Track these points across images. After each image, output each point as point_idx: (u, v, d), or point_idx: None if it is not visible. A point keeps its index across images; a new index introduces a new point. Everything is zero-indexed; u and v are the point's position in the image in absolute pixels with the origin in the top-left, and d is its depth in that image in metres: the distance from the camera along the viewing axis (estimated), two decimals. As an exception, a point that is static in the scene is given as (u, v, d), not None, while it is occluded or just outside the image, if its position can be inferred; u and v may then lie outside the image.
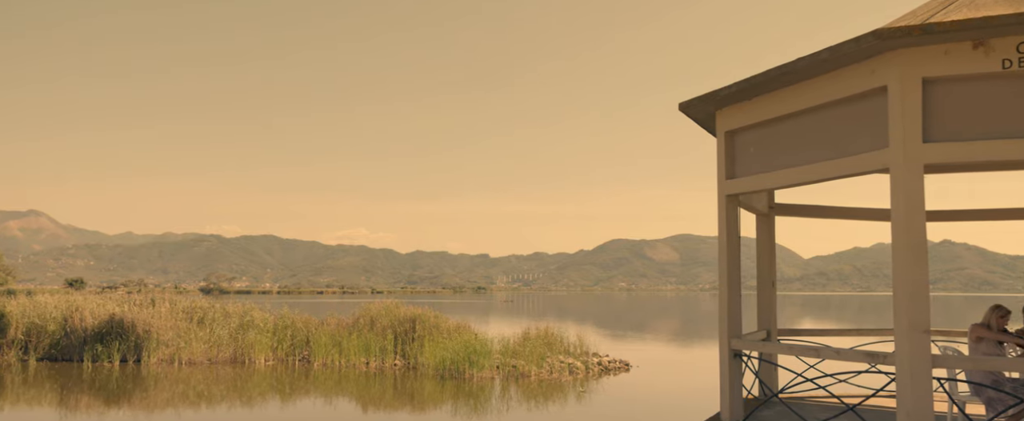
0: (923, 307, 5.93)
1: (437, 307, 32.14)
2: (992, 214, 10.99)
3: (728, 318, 7.87)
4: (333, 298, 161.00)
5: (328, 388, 21.25)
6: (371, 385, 21.86)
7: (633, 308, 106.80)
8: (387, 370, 24.82)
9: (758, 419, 7.94)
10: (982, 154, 5.88)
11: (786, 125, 7.23)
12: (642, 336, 44.57)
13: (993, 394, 6.78)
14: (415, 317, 26.86)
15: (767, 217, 9.77)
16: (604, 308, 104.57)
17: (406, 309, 27.72)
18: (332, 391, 20.72)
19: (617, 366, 25.46)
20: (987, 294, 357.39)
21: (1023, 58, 5.66)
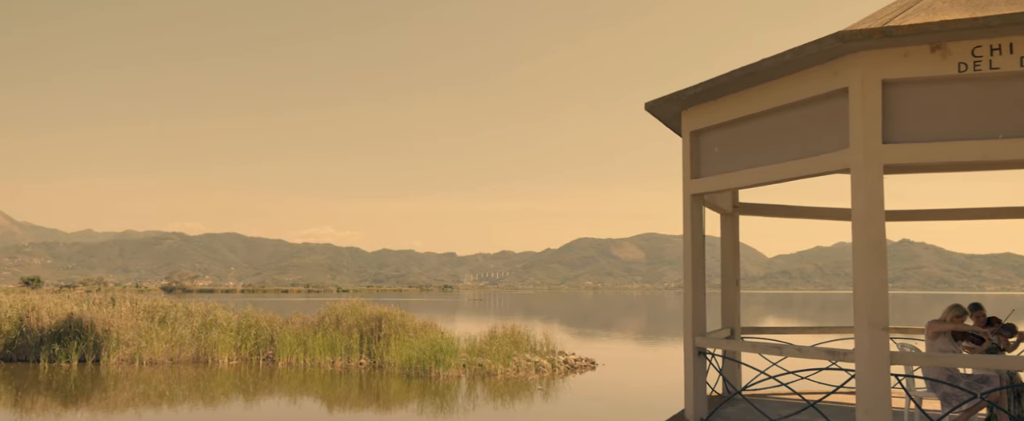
0: (882, 305, 6.04)
1: (404, 306, 32.01)
2: (949, 214, 11.23)
3: (693, 316, 7.94)
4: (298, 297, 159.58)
5: (293, 387, 21.06)
6: (336, 384, 21.71)
7: (599, 307, 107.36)
8: (353, 369, 24.67)
9: (722, 416, 8.03)
10: (939, 155, 6.01)
11: (750, 125, 7.32)
12: (608, 334, 44.83)
13: (948, 390, 6.93)
14: (381, 316, 26.72)
15: (731, 216, 9.89)
16: (570, 307, 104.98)
17: (372, 308, 27.57)
18: (297, 390, 20.53)
19: (583, 364, 25.57)
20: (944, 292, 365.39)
21: (978, 62, 5.79)
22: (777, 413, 7.62)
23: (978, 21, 5.56)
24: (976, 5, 5.94)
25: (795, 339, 10.26)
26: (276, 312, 29.89)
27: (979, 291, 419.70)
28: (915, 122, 6.07)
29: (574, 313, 79.89)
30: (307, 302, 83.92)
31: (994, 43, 5.73)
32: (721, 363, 8.73)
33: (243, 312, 28.31)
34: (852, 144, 6.13)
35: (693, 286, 7.99)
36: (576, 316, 71.82)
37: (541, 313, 75.20)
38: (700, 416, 7.82)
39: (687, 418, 7.92)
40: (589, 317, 70.36)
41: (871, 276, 6.05)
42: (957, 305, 7.59)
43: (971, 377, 7.16)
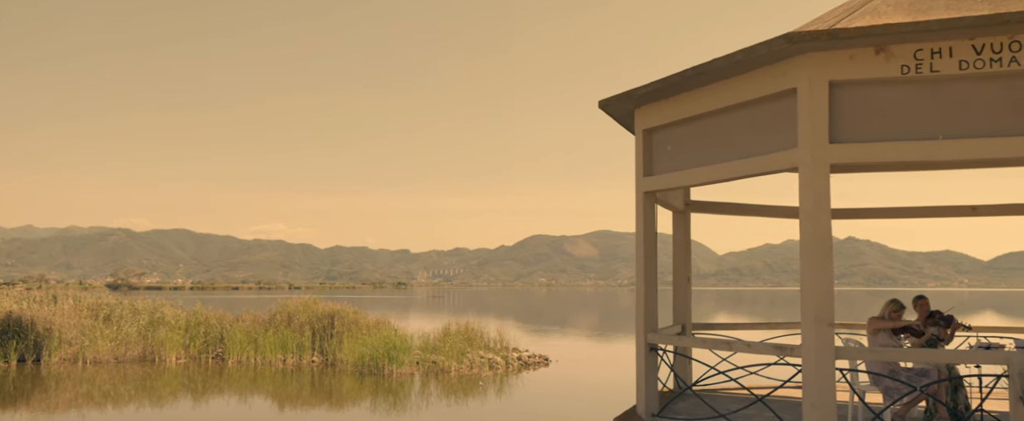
0: (828, 301, 6.18)
1: (357, 303, 31.74)
2: (892, 212, 11.53)
3: (644, 313, 8.03)
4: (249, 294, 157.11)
5: (243, 386, 20.74)
6: (288, 382, 21.45)
7: (553, 304, 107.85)
8: (305, 367, 24.40)
9: (673, 411, 8.13)
10: (883, 155, 6.17)
11: (702, 124, 7.42)
12: (562, 331, 45.07)
13: (890, 383, 7.12)
14: (334, 313, 26.47)
15: (683, 214, 10.01)
16: (524, 304, 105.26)
17: (325, 305, 27.29)
18: (247, 389, 20.23)
19: (536, 361, 25.67)
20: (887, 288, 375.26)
21: (920, 64, 5.95)
22: (726, 408, 7.74)
23: (919, 25, 5.71)
24: (918, 9, 6.11)
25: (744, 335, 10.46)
26: (226, 309, 29.41)
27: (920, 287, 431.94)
28: (860, 122, 6.21)
29: (528, 310, 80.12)
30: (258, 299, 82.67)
31: (934, 47, 5.89)
32: (672, 359, 8.84)
33: (192, 309, 27.79)
34: (800, 143, 6.25)
35: (645, 283, 8.08)
36: (530, 313, 72.04)
37: (495, 310, 75.26)
38: (651, 411, 7.91)
39: (639, 414, 8.00)
40: (543, 314, 70.64)
41: (817, 273, 6.19)
42: (894, 300, 7.81)
43: (911, 371, 7.37)
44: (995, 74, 5.81)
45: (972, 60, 5.82)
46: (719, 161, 7.15)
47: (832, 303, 6.19)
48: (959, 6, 6.02)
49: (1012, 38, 5.73)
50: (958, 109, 6.00)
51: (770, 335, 10.28)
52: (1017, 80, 5.84)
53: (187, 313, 27.50)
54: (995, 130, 5.91)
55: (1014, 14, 5.57)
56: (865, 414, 7.56)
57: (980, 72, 5.81)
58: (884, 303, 7.79)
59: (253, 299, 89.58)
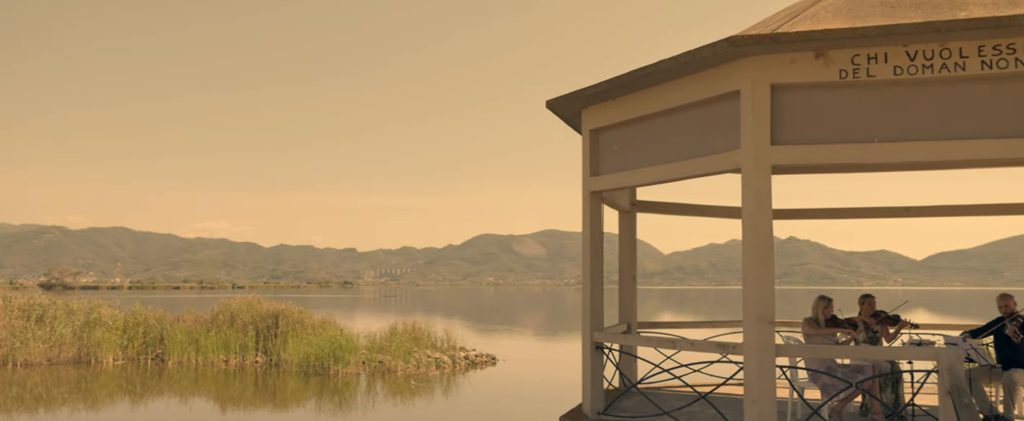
0: (768, 300, 6.31)
1: (302, 302, 31.30)
2: (832, 213, 11.83)
3: (591, 312, 8.09)
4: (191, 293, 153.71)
5: (183, 387, 20.29)
6: (230, 383, 21.05)
7: (500, 303, 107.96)
8: (248, 367, 23.97)
9: (618, 409, 8.21)
10: (823, 157, 6.32)
11: (648, 125, 7.51)
12: (509, 330, 45.15)
13: (827, 380, 7.31)
14: (278, 312, 26.05)
15: (629, 214, 10.11)
16: (472, 303, 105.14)
17: (269, 304, 26.83)
18: (188, 390, 19.79)
19: (484, 360, 25.67)
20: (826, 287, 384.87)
21: (857, 69, 6.12)
22: (670, 405, 7.85)
23: (856, 31, 5.87)
24: (856, 16, 6.28)
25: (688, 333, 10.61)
26: (167, 309, 28.71)
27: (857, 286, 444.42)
28: (801, 125, 6.36)
29: (475, 309, 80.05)
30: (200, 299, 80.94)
31: (871, 52, 6.06)
32: (618, 357, 8.93)
33: (130, 309, 27.06)
34: (743, 145, 6.37)
35: (591, 282, 8.14)
36: (477, 312, 71.99)
37: (443, 309, 75.03)
38: (597, 409, 7.98)
39: (585, 412, 8.06)
40: (490, 313, 70.65)
41: (759, 272, 6.31)
42: (822, 296, 8.05)
43: (848, 367, 7.57)
44: (927, 80, 6.01)
45: (906, 66, 6.01)
46: (664, 162, 7.24)
47: (773, 302, 6.33)
48: (894, 13, 6.20)
49: (943, 45, 5.93)
50: (893, 113, 6.18)
51: (713, 333, 10.46)
52: (947, 86, 6.05)
53: (125, 313, 26.75)
54: (927, 134, 6.11)
55: (944, 22, 5.76)
56: (804, 410, 7.75)
57: (913, 78, 6.00)
58: (814, 302, 8.00)
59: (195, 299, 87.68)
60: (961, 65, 5.91)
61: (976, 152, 6.03)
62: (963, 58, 5.90)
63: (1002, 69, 5.84)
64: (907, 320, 8.51)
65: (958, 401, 5.52)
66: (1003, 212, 11.10)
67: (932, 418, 7.16)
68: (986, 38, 5.83)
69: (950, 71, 5.92)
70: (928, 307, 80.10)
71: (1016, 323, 7.82)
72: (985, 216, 11.20)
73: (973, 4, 6.10)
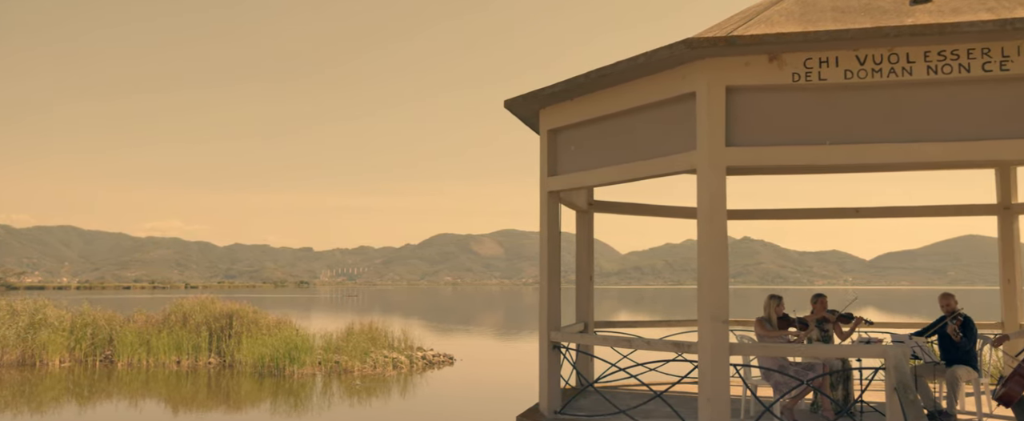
0: (723, 299, 6.40)
1: (257, 302, 30.84)
2: (785, 213, 12.06)
3: (548, 311, 8.12)
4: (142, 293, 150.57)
5: (134, 389, 19.86)
6: (182, 385, 20.66)
7: (458, 302, 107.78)
8: (201, 369, 23.55)
9: (574, 408, 8.25)
10: (777, 159, 6.44)
11: (605, 125, 7.56)
12: (467, 330, 45.09)
13: (779, 378, 7.44)
14: (232, 312, 25.61)
15: (587, 214, 10.17)
16: (430, 302, 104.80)
17: (223, 304, 26.37)
18: (138, 392, 19.38)
19: (441, 360, 25.59)
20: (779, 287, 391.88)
21: (809, 73, 6.24)
22: (626, 404, 7.91)
23: (809, 35, 5.99)
24: (808, 20, 6.40)
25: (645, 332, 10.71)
26: (116, 309, 28.04)
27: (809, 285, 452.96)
28: (755, 127, 6.46)
29: (433, 309, 79.79)
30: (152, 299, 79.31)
31: (822, 56, 6.19)
32: (575, 356, 8.97)
33: (78, 310, 26.37)
34: (698, 146, 6.45)
35: (549, 282, 8.17)
36: (435, 312, 71.77)
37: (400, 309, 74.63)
38: (554, 409, 8.01)
39: (541, 411, 8.08)
40: (448, 313, 70.49)
41: (713, 272, 6.40)
42: (773, 295, 8.20)
43: (799, 365, 7.72)
44: (876, 84, 6.15)
45: (856, 70, 6.15)
46: (621, 162, 7.30)
47: (727, 301, 6.42)
48: (844, 18, 6.34)
49: (891, 50, 6.08)
50: (844, 116, 6.32)
51: (669, 332, 10.58)
52: (895, 90, 6.20)
53: (73, 314, 26.05)
54: (876, 137, 6.26)
55: (892, 28, 5.90)
56: (756, 408, 7.87)
57: (863, 81, 6.14)
58: (765, 302, 8.14)
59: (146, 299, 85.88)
60: (908, 70, 6.06)
61: (922, 155, 6.19)
62: (910, 63, 6.05)
63: (946, 74, 6.01)
64: (861, 317, 8.70)
65: (904, 397, 5.66)
66: (948, 213, 11.42)
67: (879, 414, 7.33)
68: (931, 44, 5.99)
69: (898, 75, 6.07)
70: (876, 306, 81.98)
71: (956, 322, 8.06)
72: (931, 217, 11.52)
73: (920, 11, 6.27)
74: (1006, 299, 10.40)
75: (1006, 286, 10.44)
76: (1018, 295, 10.39)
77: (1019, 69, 5.88)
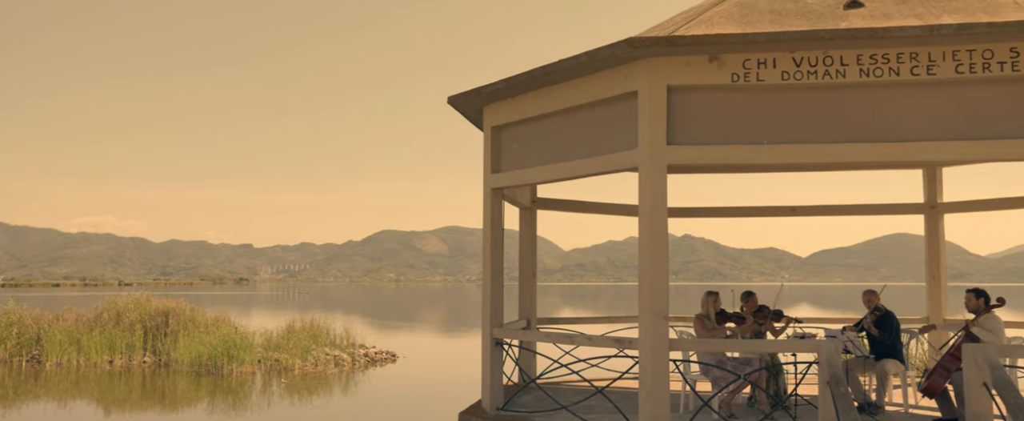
0: (663, 295, 6.49)
1: (195, 299, 30.14)
2: (724, 211, 12.28)
3: (491, 308, 8.13)
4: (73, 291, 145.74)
5: (63, 390, 19.22)
6: (115, 385, 20.08)
7: (401, 299, 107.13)
8: (135, 368, 22.92)
9: (517, 404, 8.28)
10: (716, 158, 6.55)
11: (548, 123, 7.59)
12: (409, 327, 44.86)
13: (717, 372, 7.59)
14: (168, 310, 24.98)
15: (530, 210, 10.20)
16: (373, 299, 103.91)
17: (158, 302, 25.69)
18: (68, 393, 18.76)
19: (384, 357, 25.40)
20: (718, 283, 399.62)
21: (747, 73, 6.37)
22: (568, 399, 7.97)
23: (747, 37, 6.11)
24: (747, 22, 6.53)
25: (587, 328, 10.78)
26: (45, 307, 27.10)
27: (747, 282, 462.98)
28: (695, 126, 6.57)
29: (376, 306, 79.14)
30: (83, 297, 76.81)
31: (760, 57, 6.33)
32: (517, 353, 9.00)
33: (3, 308, 25.39)
34: (640, 145, 6.53)
35: (491, 278, 8.18)
36: (378, 309, 71.20)
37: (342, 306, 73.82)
38: (496, 405, 8.02)
39: (484, 408, 8.09)
40: (391, 310, 70.01)
41: (654, 268, 6.49)
42: (710, 291, 8.37)
43: (736, 360, 7.88)
44: (812, 85, 6.31)
45: (792, 72, 6.30)
46: (564, 159, 7.34)
47: (667, 297, 6.51)
48: (782, 21, 6.49)
49: (825, 53, 6.25)
50: (781, 117, 6.47)
51: (611, 328, 10.69)
52: (829, 91, 6.37)
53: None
54: (811, 137, 6.42)
55: (826, 31, 6.07)
56: (695, 402, 8.01)
57: (799, 83, 6.29)
58: (703, 299, 8.30)
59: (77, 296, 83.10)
60: (842, 72, 6.23)
61: (854, 155, 6.38)
62: (844, 66, 6.23)
63: (877, 77, 6.20)
64: (789, 316, 8.94)
65: (835, 390, 5.83)
66: (878, 212, 11.81)
67: (813, 407, 7.53)
68: (864, 48, 6.17)
69: (832, 77, 6.24)
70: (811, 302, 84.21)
71: (873, 317, 8.38)
72: (863, 216, 11.88)
73: (853, 15, 6.45)
74: (931, 295, 10.80)
75: (932, 282, 10.84)
76: (943, 291, 10.80)
77: (945, 74, 6.11)
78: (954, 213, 10.96)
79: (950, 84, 6.17)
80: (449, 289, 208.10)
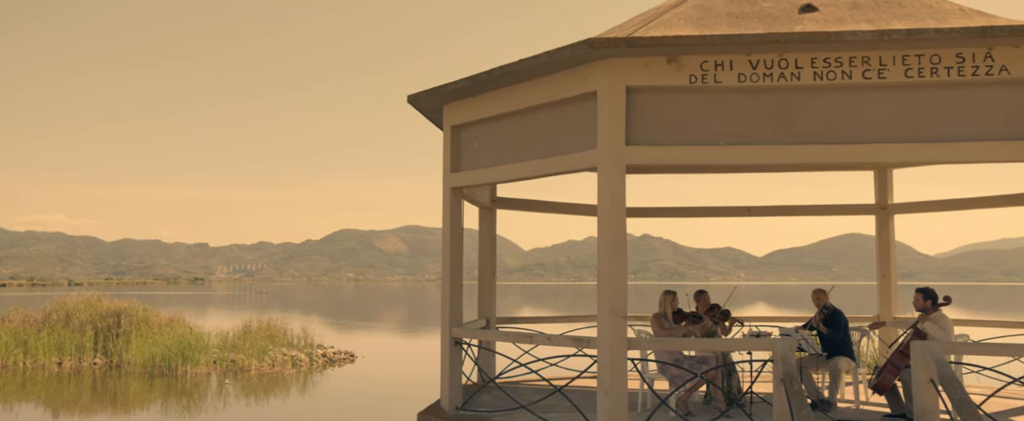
0: (621, 295, 6.54)
1: (149, 300, 29.55)
2: (682, 211, 12.42)
3: (450, 308, 8.11)
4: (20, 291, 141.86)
5: (9, 393, 18.70)
6: (64, 387, 19.60)
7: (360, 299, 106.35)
8: (85, 370, 22.40)
9: (476, 404, 8.28)
10: (674, 158, 6.62)
11: (508, 122, 7.60)
12: (368, 327, 44.56)
13: (675, 371, 7.67)
14: (121, 311, 24.45)
15: (490, 210, 10.20)
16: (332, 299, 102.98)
17: (110, 302, 25.13)
18: (14, 395, 18.26)
19: (342, 357, 25.19)
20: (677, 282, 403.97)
21: (705, 75, 6.45)
22: (527, 399, 7.99)
23: (705, 39, 6.19)
24: (705, 24, 6.61)
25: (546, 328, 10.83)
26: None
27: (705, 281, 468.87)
28: (654, 127, 6.63)
29: (334, 305, 78.44)
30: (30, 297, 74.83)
31: (718, 59, 6.41)
32: (476, 353, 8.99)
33: (-54, 309, 24.63)
34: (599, 145, 6.57)
35: (451, 278, 8.16)
36: (336, 309, 70.57)
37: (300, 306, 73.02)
38: (455, 405, 8.01)
39: (443, 407, 8.07)
40: (349, 310, 69.45)
41: (613, 268, 6.53)
42: (668, 291, 8.46)
43: (693, 359, 7.97)
44: (767, 88, 6.41)
45: (749, 74, 6.39)
46: (524, 159, 7.36)
47: (625, 296, 6.57)
48: (739, 24, 6.58)
49: (781, 56, 6.35)
50: (737, 118, 6.56)
51: (570, 328, 10.73)
52: (784, 94, 6.48)
53: (-60, 313, 24.32)
54: (767, 138, 6.52)
55: (782, 34, 6.17)
56: (653, 401, 8.08)
57: (755, 85, 6.39)
58: (660, 298, 8.38)
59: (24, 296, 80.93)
60: (796, 75, 6.34)
61: (808, 157, 6.50)
62: (798, 68, 6.34)
63: (830, 81, 6.32)
64: (736, 318, 9.12)
65: (789, 388, 5.93)
66: (831, 213, 12.04)
67: (768, 404, 7.65)
68: (818, 51, 6.29)
69: (787, 80, 6.35)
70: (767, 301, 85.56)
71: (821, 315, 8.57)
72: (817, 216, 12.11)
73: (808, 19, 6.57)
74: (882, 294, 11.05)
75: (882, 281, 11.09)
76: (893, 290, 11.06)
77: (895, 77, 6.25)
78: (904, 214, 11.22)
79: (900, 88, 6.32)
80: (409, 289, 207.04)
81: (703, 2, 7.15)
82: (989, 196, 10.36)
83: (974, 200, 10.56)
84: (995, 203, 10.29)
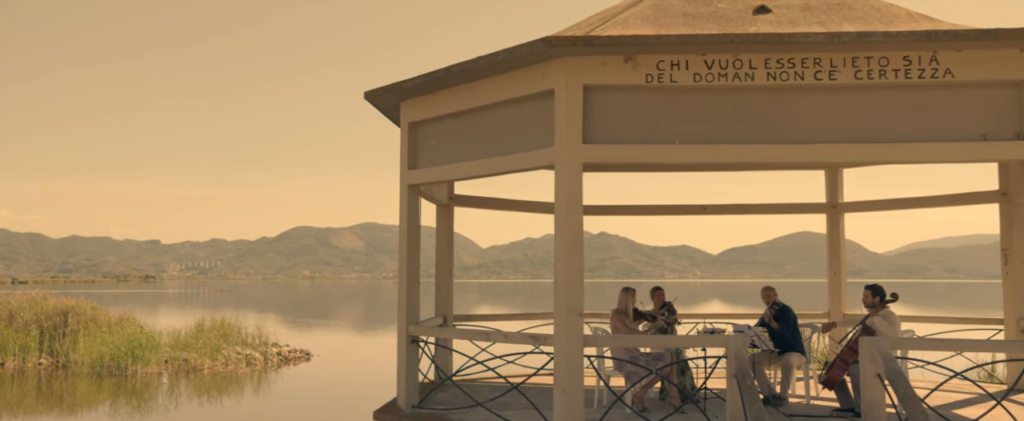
0: (577, 292, 6.57)
1: (98, 298, 28.85)
2: (639, 209, 12.53)
3: (406, 305, 8.07)
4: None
5: (-50, 395, 18.12)
6: (7, 388, 19.05)
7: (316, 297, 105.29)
8: (29, 370, 21.79)
9: (433, 402, 8.25)
10: (631, 156, 6.67)
11: (466, 120, 7.59)
12: (324, 325, 44.13)
13: (631, 368, 7.74)
14: (67, 309, 23.83)
15: (447, 208, 10.17)
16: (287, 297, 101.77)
17: (57, 300, 24.49)
18: (-45, 398, 17.69)
19: (297, 356, 24.91)
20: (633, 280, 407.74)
21: (661, 74, 6.51)
22: (484, 396, 7.99)
23: (661, 39, 6.25)
24: (661, 24, 6.67)
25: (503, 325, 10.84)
26: (-71, 308, 25.43)
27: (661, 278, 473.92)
28: (611, 125, 6.67)
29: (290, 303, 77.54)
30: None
31: (674, 59, 6.47)
32: (433, 350, 8.96)
33: None
34: (556, 143, 6.59)
35: (408, 276, 8.12)
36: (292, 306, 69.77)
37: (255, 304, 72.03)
38: (412, 403, 7.97)
39: (399, 405, 8.03)
40: (305, 307, 68.72)
41: (569, 266, 6.57)
42: (627, 288, 8.54)
43: (648, 356, 8.06)
44: (722, 88, 6.50)
45: (704, 73, 6.47)
46: (481, 157, 7.35)
47: (581, 294, 6.60)
48: (694, 24, 6.66)
49: (735, 56, 6.44)
50: (693, 117, 6.63)
51: (527, 325, 10.75)
52: (739, 94, 6.57)
53: None
54: (721, 138, 6.61)
55: (736, 35, 6.26)
56: (609, 397, 8.15)
57: (710, 85, 6.47)
58: (619, 295, 8.45)
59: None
60: (750, 75, 6.44)
61: (761, 156, 6.60)
62: (752, 69, 6.43)
63: (783, 81, 6.43)
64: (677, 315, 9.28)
65: (742, 383, 6.03)
66: (784, 211, 12.26)
67: (721, 400, 7.77)
68: (771, 52, 6.39)
69: (741, 80, 6.44)
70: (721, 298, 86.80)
71: (771, 311, 8.74)
72: (770, 214, 12.32)
73: (761, 21, 6.67)
74: (832, 291, 11.28)
75: (833, 279, 11.32)
76: (843, 287, 11.30)
77: (845, 79, 6.38)
78: (854, 212, 11.47)
79: (850, 89, 6.45)
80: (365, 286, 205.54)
81: (660, 2, 7.21)
82: (934, 195, 10.63)
83: (920, 199, 10.84)
84: (940, 202, 10.57)
